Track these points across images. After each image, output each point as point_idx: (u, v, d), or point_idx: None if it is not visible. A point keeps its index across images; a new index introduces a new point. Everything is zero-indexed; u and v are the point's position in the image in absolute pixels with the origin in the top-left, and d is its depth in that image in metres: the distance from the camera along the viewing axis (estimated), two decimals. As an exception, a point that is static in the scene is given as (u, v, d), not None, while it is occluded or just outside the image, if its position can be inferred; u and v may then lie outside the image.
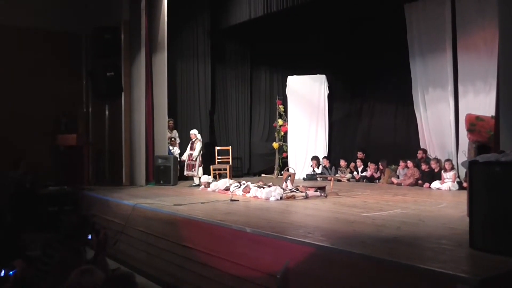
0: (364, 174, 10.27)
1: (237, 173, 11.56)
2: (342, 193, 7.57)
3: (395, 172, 9.55)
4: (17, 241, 4.88)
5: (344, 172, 10.48)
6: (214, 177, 10.08)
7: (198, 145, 9.40)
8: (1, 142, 8.51)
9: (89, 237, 3.50)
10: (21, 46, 9.08)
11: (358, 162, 10.46)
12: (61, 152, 9.38)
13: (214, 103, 11.81)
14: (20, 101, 8.91)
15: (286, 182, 7.64)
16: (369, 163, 10.15)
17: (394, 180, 9.36)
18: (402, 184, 9.04)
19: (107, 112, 9.68)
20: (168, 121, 10.01)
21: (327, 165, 10.85)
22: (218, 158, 10.88)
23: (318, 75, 11.40)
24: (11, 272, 2.84)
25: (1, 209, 7.40)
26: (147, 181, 9.32)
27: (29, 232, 6.54)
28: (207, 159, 10.59)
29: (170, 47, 9.82)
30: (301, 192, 7.07)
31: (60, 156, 9.37)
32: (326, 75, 11.38)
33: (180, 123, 10.95)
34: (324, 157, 11.05)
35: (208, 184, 8.40)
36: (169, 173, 9.21)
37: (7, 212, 7.53)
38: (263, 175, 11.79)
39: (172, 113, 10.31)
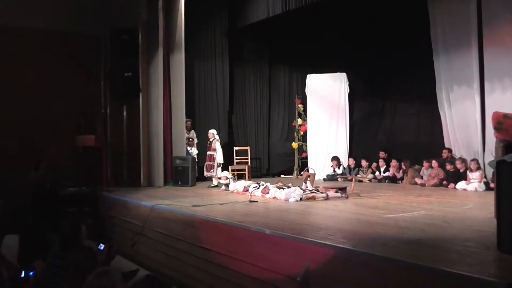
0: (386, 174, 10.19)
1: (256, 174, 11.59)
2: (363, 194, 7.53)
3: (419, 172, 9.45)
4: (39, 241, 4.94)
5: (366, 173, 10.42)
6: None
7: (217, 145, 9.45)
8: (23, 143, 8.72)
9: (101, 247, 3.50)
10: (40, 48, 9.27)
11: (380, 162, 10.37)
12: (80, 153, 9.54)
13: (232, 103, 11.86)
14: (40, 102, 9.10)
15: (305, 183, 7.62)
16: (392, 162, 10.09)
17: (418, 180, 9.26)
18: (426, 184, 8.94)
19: (125, 113, 9.78)
20: (186, 121, 10.10)
21: (353, 165, 10.79)
22: (236, 159, 10.93)
23: (338, 73, 11.35)
24: (31, 273, 2.88)
25: (23, 209, 7.57)
26: (165, 182, 9.38)
27: (50, 232, 6.70)
28: (225, 160, 10.56)
29: (188, 47, 9.90)
30: (321, 193, 7.05)
31: (79, 157, 9.49)
32: (346, 73, 11.32)
33: (198, 123, 11.03)
34: (349, 157, 11.04)
35: (227, 179, 8.47)
36: (187, 174, 9.28)
37: (29, 213, 7.71)
38: (282, 175, 11.80)
39: (190, 113, 10.37)
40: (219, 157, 9.42)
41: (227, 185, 8.47)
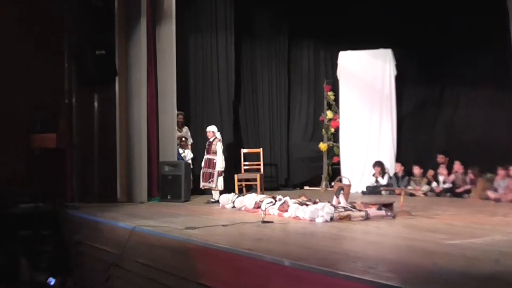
0: (447, 185, 10.19)
1: (271, 185, 11.72)
2: (416, 212, 7.54)
3: (492, 183, 9.45)
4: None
5: (419, 183, 10.44)
6: (240, 190, 10.20)
7: (218, 147, 9.53)
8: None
9: (51, 282, 3.39)
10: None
11: (439, 169, 10.39)
12: (36, 158, 9.46)
13: (240, 90, 11.97)
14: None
15: (338, 197, 7.69)
16: (454, 165, 10.10)
17: (491, 194, 9.26)
18: (502, 199, 8.93)
19: (96, 104, 9.78)
20: (178, 115, 10.16)
21: (401, 173, 10.84)
22: (244, 165, 10.95)
23: (381, 50, 11.41)
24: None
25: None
26: (150, 196, 9.56)
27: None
28: (230, 166, 10.72)
29: (180, 17, 10.03)
30: (359, 210, 7.08)
31: (34, 163, 9.34)
32: (392, 49, 11.37)
33: (194, 118, 11.16)
34: (397, 162, 11.11)
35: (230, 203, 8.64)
36: (179, 185, 9.44)
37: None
38: (306, 187, 11.93)
39: (183, 104, 10.54)
40: (219, 162, 9.48)
41: (218, 201, 8.80)
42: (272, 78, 12.28)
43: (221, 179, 9.52)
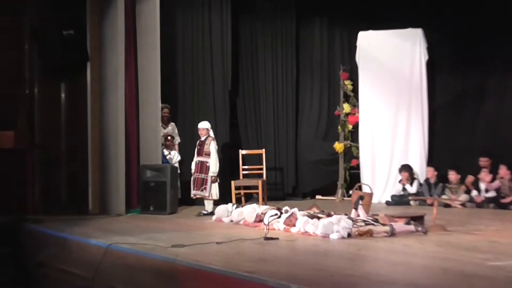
0: (490, 194, 10.16)
1: (276, 194, 11.74)
2: (452, 226, 7.51)
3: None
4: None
5: (456, 192, 10.41)
6: (238, 200, 10.17)
7: (212, 147, 9.54)
8: None
9: None
10: None
11: (481, 174, 10.36)
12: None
13: (237, 79, 11.95)
14: None
15: (357, 209, 7.69)
16: (499, 170, 10.08)
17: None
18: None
19: (63, 96, 9.83)
20: (162, 108, 10.16)
21: (434, 179, 10.82)
22: (243, 169, 10.91)
23: (410, 30, 11.39)
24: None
25: None
26: (129, 207, 9.60)
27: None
28: (226, 171, 10.73)
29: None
30: (383, 225, 7.09)
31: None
32: (423, 29, 11.33)
33: (182, 112, 11.16)
34: (428, 165, 11.06)
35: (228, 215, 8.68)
36: (164, 193, 9.47)
37: None
38: (318, 196, 11.89)
39: (168, 96, 10.55)
40: (213, 165, 9.50)
41: (212, 213, 8.91)
42: (277, 65, 12.23)
43: (215, 186, 9.52)
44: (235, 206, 8.77)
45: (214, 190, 9.50)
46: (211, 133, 9.72)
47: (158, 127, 10.01)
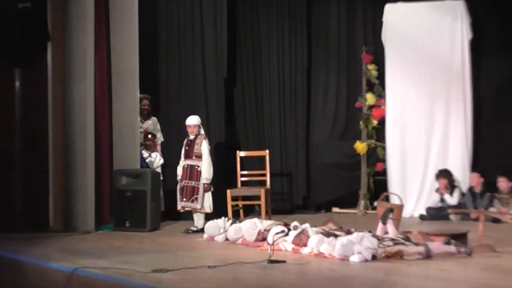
0: (550, 208, 10.23)
1: (282, 206, 11.82)
2: (502, 247, 7.47)
3: None
4: None
5: (507, 203, 10.41)
6: (235, 213, 10.20)
7: (204, 148, 9.58)
8: None
9: None
10: None
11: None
12: None
13: (235, 65, 12.06)
14: None
15: (384, 224, 7.75)
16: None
17: None
18: None
19: (17, 84, 9.72)
20: (141, 100, 10.23)
21: (479, 187, 10.84)
22: (242, 175, 10.93)
23: (449, 1, 11.42)
24: None
25: None
26: (100, 223, 9.66)
27: None
28: (221, 177, 10.82)
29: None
30: (416, 244, 7.06)
31: None
32: (466, 0, 11.34)
33: (166, 105, 11.19)
34: (473, 171, 11.10)
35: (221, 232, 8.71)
36: (143, 205, 9.49)
37: None
38: (335, 209, 11.94)
39: (149, 85, 10.68)
40: (206, 170, 9.48)
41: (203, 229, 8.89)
42: (284, 46, 12.27)
43: (209, 196, 9.58)
44: (230, 221, 8.74)
45: (207, 201, 9.53)
46: (202, 131, 9.75)
47: (136, 122, 10.05)
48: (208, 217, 9.37)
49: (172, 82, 11.43)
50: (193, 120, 9.69)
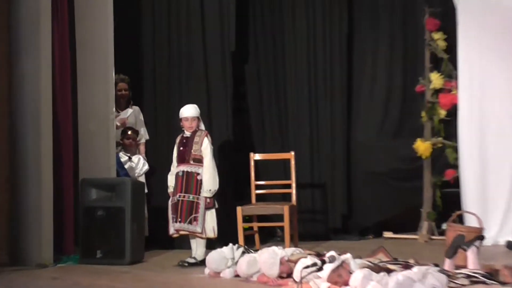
0: None
1: (314, 229, 11.83)
2: None
3: None
4: None
5: None
6: (248, 240, 10.13)
7: (206, 149, 9.56)
8: None
9: None
10: None
11: None
12: None
13: (247, 34, 12.09)
14: None
15: (457, 255, 7.69)
16: None
17: None
18: None
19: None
20: (117, 83, 10.47)
21: None
22: (258, 187, 10.81)
23: None
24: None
25: None
26: (60, 253, 9.59)
27: None
28: (228, 188, 10.95)
29: None
30: (503, 284, 7.07)
31: None
32: None
33: (152, 89, 11.39)
34: None
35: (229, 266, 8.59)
36: (120, 228, 9.45)
37: None
38: (387, 234, 11.92)
39: (127, 63, 10.94)
40: (210, 179, 9.42)
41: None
42: (315, 10, 12.08)
43: (212, 215, 9.50)
44: (242, 250, 8.59)
45: (210, 222, 9.46)
46: (202, 125, 9.74)
47: (110, 114, 10.10)
48: (211, 244, 9.44)
49: (160, 59, 11.41)
50: (190, 111, 9.62)
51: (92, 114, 10.15)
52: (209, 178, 9.46)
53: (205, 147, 9.52)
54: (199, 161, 9.49)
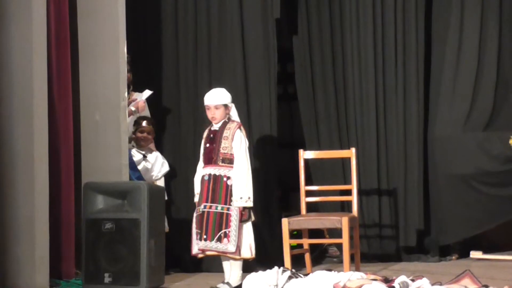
0: None
1: (381, 248, 11.60)
2: None
3: None
4: None
5: None
6: (297, 261, 9.89)
7: (238, 145, 9.39)
8: None
9: None
10: None
11: None
12: None
13: (295, 13, 11.86)
14: None
15: None
16: None
17: None
18: None
19: None
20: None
21: None
22: (309, 193, 10.46)
23: None
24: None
25: None
26: (58, 277, 9.47)
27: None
28: (269, 195, 11.00)
29: None
30: None
31: None
32: None
33: (173, 69, 11.37)
34: None
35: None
36: (134, 245, 9.18)
37: None
38: (475, 254, 11.48)
39: (144, 32, 11.27)
40: (242, 184, 9.04)
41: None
42: None
43: (248, 230, 9.36)
44: (288, 273, 8.16)
45: (246, 239, 9.32)
46: (235, 115, 9.50)
47: (122, 101, 9.85)
48: (249, 266, 9.35)
49: (184, 27, 11.37)
50: (216, 97, 9.47)
51: (99, 100, 9.94)
52: (241, 183, 9.30)
53: (237, 143, 9.37)
54: (230, 161, 9.39)
